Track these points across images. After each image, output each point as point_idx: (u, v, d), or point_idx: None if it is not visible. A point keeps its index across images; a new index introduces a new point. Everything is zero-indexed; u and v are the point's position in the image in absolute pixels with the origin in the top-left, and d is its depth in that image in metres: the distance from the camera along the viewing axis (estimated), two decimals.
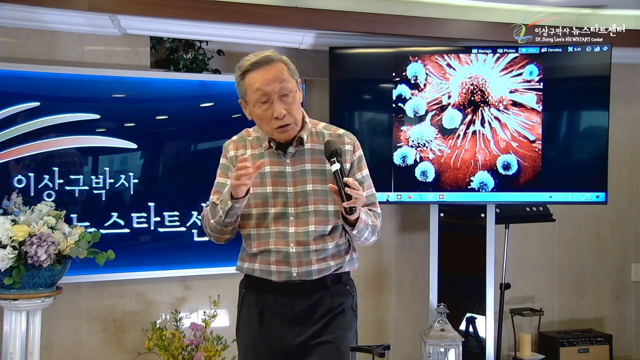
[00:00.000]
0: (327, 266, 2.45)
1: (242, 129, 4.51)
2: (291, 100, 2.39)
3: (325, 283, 2.46)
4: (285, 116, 2.37)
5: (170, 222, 4.29)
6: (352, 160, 2.49)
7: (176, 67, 4.49)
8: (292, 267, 2.43)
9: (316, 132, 2.50)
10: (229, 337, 4.16)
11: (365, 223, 2.38)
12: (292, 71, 2.42)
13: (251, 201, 2.45)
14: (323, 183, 2.42)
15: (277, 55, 2.41)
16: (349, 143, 2.49)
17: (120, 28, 4.19)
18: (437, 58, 4.44)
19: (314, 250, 2.43)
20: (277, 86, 2.35)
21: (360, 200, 2.26)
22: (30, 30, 4.04)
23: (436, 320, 4.17)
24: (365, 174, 2.52)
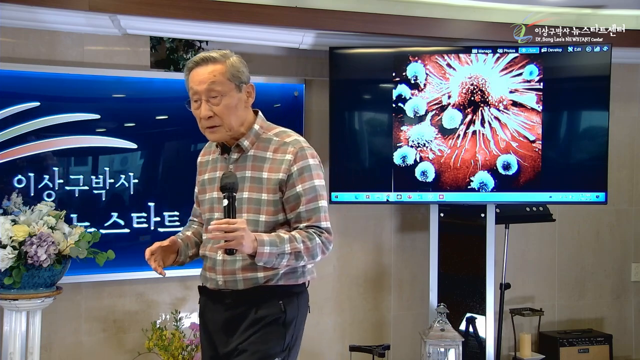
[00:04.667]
0: (254, 277, 2.37)
1: None
2: (218, 102, 2.35)
3: (253, 295, 2.38)
4: (212, 118, 2.37)
5: (170, 222, 4.29)
6: (291, 172, 2.37)
7: (176, 67, 4.48)
8: (218, 275, 2.41)
9: (264, 139, 2.44)
10: None
11: (274, 254, 2.26)
12: (231, 74, 2.37)
13: (205, 206, 2.52)
14: (259, 192, 2.38)
15: (224, 57, 2.40)
16: (290, 153, 2.38)
17: (120, 28, 4.19)
18: (437, 58, 4.44)
19: (240, 259, 2.36)
20: (205, 86, 2.35)
21: (234, 244, 2.17)
22: (30, 30, 4.04)
23: (436, 320, 4.19)
24: (309, 186, 2.38)
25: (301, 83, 4.69)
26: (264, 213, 2.36)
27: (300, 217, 2.37)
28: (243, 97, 2.41)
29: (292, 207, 2.38)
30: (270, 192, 2.37)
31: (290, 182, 2.37)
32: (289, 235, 2.31)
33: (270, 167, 2.39)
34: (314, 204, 2.37)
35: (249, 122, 2.44)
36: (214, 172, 2.50)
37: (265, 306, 2.37)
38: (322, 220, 2.39)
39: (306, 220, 2.37)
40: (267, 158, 2.40)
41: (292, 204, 2.37)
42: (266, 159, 2.40)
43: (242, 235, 2.17)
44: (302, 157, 2.39)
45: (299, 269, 2.43)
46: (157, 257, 2.45)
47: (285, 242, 2.29)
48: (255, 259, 2.25)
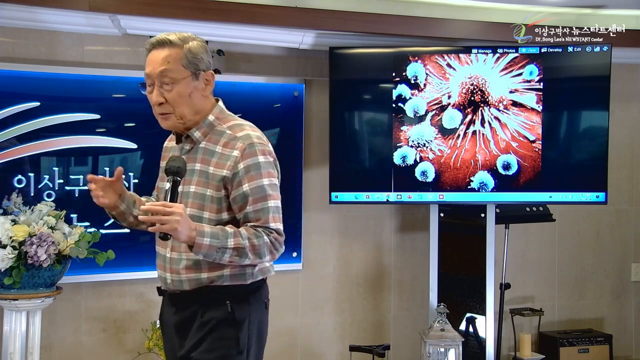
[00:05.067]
0: (197, 278, 2.25)
1: None
2: (170, 89, 2.26)
3: (199, 296, 2.26)
4: (163, 105, 2.28)
5: None
6: (237, 170, 2.22)
7: None
8: (167, 274, 2.31)
9: (217, 131, 2.30)
10: None
11: (214, 247, 2.12)
12: (188, 60, 2.26)
13: (160, 195, 2.43)
14: (205, 187, 2.25)
15: (183, 41, 2.28)
16: (238, 149, 2.23)
17: (120, 28, 4.19)
18: (437, 58, 4.44)
19: (184, 259, 2.26)
20: (157, 72, 2.27)
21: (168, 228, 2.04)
22: (30, 30, 4.04)
23: (436, 320, 4.19)
24: (256, 186, 2.22)
25: (301, 83, 4.69)
26: (208, 210, 2.24)
27: (247, 217, 2.22)
28: (200, 85, 2.29)
29: (239, 207, 2.23)
30: (215, 189, 2.23)
31: (236, 181, 2.22)
32: (234, 230, 2.17)
33: (217, 162, 2.25)
34: (262, 204, 2.22)
35: (206, 112, 2.32)
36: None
37: (212, 308, 2.25)
38: (271, 221, 2.23)
39: (254, 221, 2.21)
40: (216, 152, 2.27)
41: (240, 204, 2.23)
42: (215, 153, 2.26)
43: (177, 220, 2.04)
44: (251, 154, 2.24)
45: (248, 271, 2.28)
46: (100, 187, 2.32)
47: (229, 236, 2.15)
48: (193, 250, 2.12)
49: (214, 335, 2.24)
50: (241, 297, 2.28)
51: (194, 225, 2.10)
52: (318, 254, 4.78)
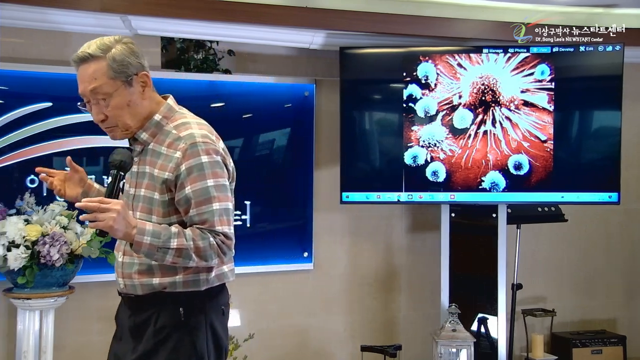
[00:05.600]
0: (149, 283, 2.17)
1: (253, 129, 4.58)
2: (106, 105, 2.14)
3: (153, 301, 2.18)
4: (105, 120, 2.17)
5: None
6: (179, 172, 2.11)
7: (187, 67, 4.49)
8: (119, 278, 2.24)
9: (165, 131, 2.19)
10: (240, 336, 4.18)
11: (155, 247, 2.04)
12: (115, 71, 2.13)
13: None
14: (152, 190, 2.16)
15: (104, 51, 2.13)
16: (180, 150, 2.12)
17: (131, 28, 4.20)
18: (448, 58, 4.43)
19: (136, 263, 2.18)
20: (87, 90, 2.13)
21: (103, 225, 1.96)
22: (43, 31, 4.05)
23: (448, 321, 4.18)
24: (199, 187, 2.10)
25: (311, 83, 4.69)
26: (155, 214, 2.15)
27: (192, 220, 2.11)
28: (137, 90, 2.17)
29: (184, 210, 2.13)
30: (157, 191, 2.14)
31: (179, 183, 2.11)
32: (179, 230, 2.07)
33: (161, 164, 2.15)
34: (207, 207, 2.10)
35: (153, 112, 2.21)
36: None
37: (164, 314, 2.17)
38: (217, 224, 2.10)
39: (200, 224, 2.10)
40: (161, 153, 2.16)
41: (184, 207, 2.13)
42: (160, 155, 2.16)
43: (113, 217, 1.95)
44: (193, 154, 2.11)
45: (203, 277, 2.19)
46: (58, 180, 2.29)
47: (172, 236, 2.05)
48: (133, 248, 2.04)
49: (170, 345, 2.16)
50: (195, 304, 2.19)
51: (134, 222, 2.02)
52: (329, 254, 4.77)
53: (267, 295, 4.61)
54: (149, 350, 2.17)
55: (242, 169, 4.44)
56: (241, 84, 4.53)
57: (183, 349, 2.16)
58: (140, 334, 2.20)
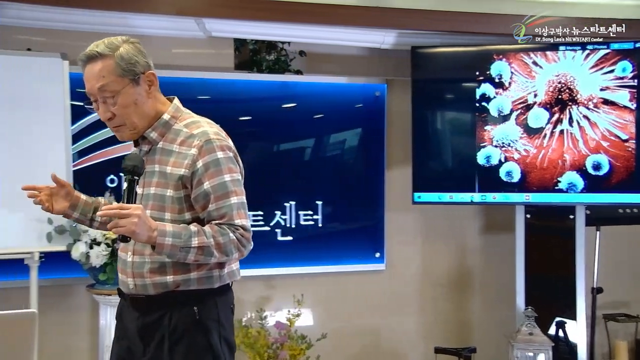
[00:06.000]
0: (163, 281, 2.15)
1: (324, 129, 4.59)
2: (114, 103, 2.13)
3: (165, 300, 2.16)
4: (112, 119, 2.16)
5: (254, 221, 4.34)
6: (195, 168, 2.12)
7: (259, 68, 4.54)
8: (129, 278, 2.21)
9: (174, 130, 2.20)
10: (313, 336, 4.19)
11: (177, 247, 2.04)
12: (122, 69, 2.13)
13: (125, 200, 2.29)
14: (164, 188, 2.16)
15: (112, 49, 2.13)
16: (195, 146, 2.13)
17: (206, 31, 4.27)
18: (523, 56, 4.33)
19: (148, 262, 2.16)
20: (95, 88, 2.13)
21: (125, 230, 1.97)
22: (121, 35, 4.13)
23: (524, 324, 4.09)
24: (217, 183, 2.12)
25: (383, 83, 4.67)
26: (169, 211, 2.15)
27: (211, 216, 2.13)
28: (143, 89, 2.16)
29: (201, 206, 2.14)
30: (174, 189, 2.14)
31: (196, 180, 2.13)
32: (198, 229, 2.09)
33: (174, 162, 2.15)
34: (225, 202, 2.12)
35: (159, 112, 2.21)
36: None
37: (178, 313, 2.16)
38: (236, 217, 2.13)
39: (218, 219, 2.12)
40: (173, 151, 2.16)
41: (202, 203, 2.13)
42: (172, 152, 2.16)
43: (135, 222, 1.96)
44: (209, 150, 2.13)
45: (215, 274, 2.19)
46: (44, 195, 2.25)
47: (192, 235, 2.06)
48: (156, 250, 2.04)
49: (184, 346, 2.15)
50: (208, 302, 2.19)
51: (154, 225, 2.03)
52: (401, 255, 4.75)
53: (339, 295, 4.62)
54: (162, 351, 2.15)
55: (313, 169, 4.56)
56: (312, 84, 4.56)
57: (199, 348, 2.16)
58: (150, 336, 2.17)
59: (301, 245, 4.47)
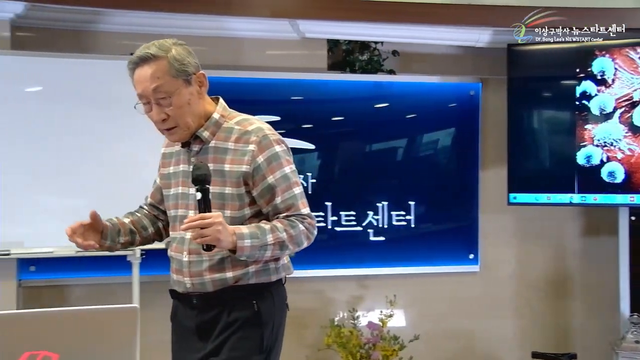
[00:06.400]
0: (222, 277, 2.17)
1: (417, 129, 4.56)
2: (168, 104, 2.14)
3: (224, 296, 2.18)
4: (166, 120, 2.16)
5: (346, 221, 4.36)
6: (256, 164, 2.15)
7: (352, 68, 4.56)
8: (185, 278, 2.21)
9: (225, 128, 2.22)
10: (405, 337, 4.17)
11: (256, 247, 2.08)
12: (176, 70, 2.14)
13: (170, 202, 2.31)
14: (222, 185, 2.17)
15: (165, 51, 2.15)
16: (253, 142, 2.16)
17: (299, 32, 4.32)
18: (628, 51, 4.15)
19: (206, 260, 2.18)
20: (150, 90, 2.13)
21: (211, 239, 2.00)
22: (218, 38, 4.28)
23: (629, 331, 3.94)
24: (280, 175, 2.17)
25: (477, 82, 4.59)
26: (229, 208, 2.16)
27: (277, 209, 2.17)
28: (195, 90, 2.19)
29: (266, 200, 2.17)
30: (234, 186, 2.16)
31: (259, 175, 2.16)
32: (270, 226, 2.12)
33: (232, 159, 2.17)
34: (289, 193, 2.17)
35: (208, 112, 2.23)
36: (177, 165, 2.30)
37: (238, 308, 2.17)
38: (302, 207, 2.19)
39: (285, 211, 2.17)
40: (228, 149, 2.18)
41: (267, 197, 2.17)
42: (228, 150, 2.18)
43: (219, 230, 2.00)
44: (267, 145, 2.17)
45: (272, 266, 2.23)
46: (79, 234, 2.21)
47: (266, 233, 2.10)
48: (237, 254, 2.07)
49: (238, 336, 2.17)
50: (265, 297, 2.23)
51: (232, 230, 2.05)
52: (495, 256, 4.65)
53: (432, 296, 4.57)
54: (217, 345, 2.17)
55: (406, 169, 4.53)
56: (405, 84, 4.53)
57: (250, 341, 2.17)
58: (209, 332, 2.20)
59: (393, 245, 4.45)
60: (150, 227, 2.39)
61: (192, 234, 2.02)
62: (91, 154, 3.86)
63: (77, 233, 2.19)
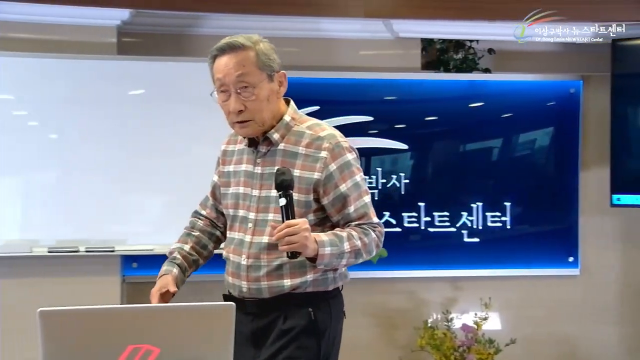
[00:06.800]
0: (279, 285, 2.11)
1: (513, 129, 4.45)
2: (250, 95, 2.08)
3: (279, 303, 2.12)
4: (242, 112, 2.10)
5: (440, 222, 4.31)
6: (328, 172, 2.10)
7: (446, 67, 4.51)
8: (242, 282, 2.15)
9: (296, 132, 2.15)
10: (501, 340, 4.08)
11: (334, 255, 2.03)
12: (262, 62, 2.10)
13: (228, 201, 2.24)
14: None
15: (253, 43, 2.11)
16: (325, 149, 2.10)
17: (393, 32, 4.31)
18: None
19: (265, 265, 2.12)
20: (233, 77, 2.08)
21: (298, 245, 1.94)
22: (312, 39, 4.33)
23: None
24: (352, 184, 2.12)
25: (578, 79, 4.45)
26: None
27: (349, 217, 2.12)
28: (275, 88, 2.14)
29: (337, 209, 2.12)
30: (303, 192, 2.09)
31: (331, 183, 2.10)
32: (347, 233, 2.08)
33: (302, 164, 2.11)
34: (361, 202, 2.13)
35: (280, 113, 2.17)
36: (239, 164, 2.23)
37: (294, 316, 2.12)
38: (372, 216, 2.15)
39: (356, 220, 2.12)
40: (299, 153, 2.12)
41: (338, 206, 2.12)
42: (298, 155, 2.12)
43: (306, 237, 1.96)
44: (340, 153, 2.11)
45: (330, 276, 2.16)
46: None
47: (343, 240, 2.05)
48: (317, 262, 2.02)
49: (295, 345, 2.11)
50: (322, 305, 2.16)
51: (312, 237, 2.01)
52: (597, 260, 4.50)
53: (529, 299, 4.46)
54: (272, 353, 2.12)
55: (501, 169, 4.44)
56: (502, 82, 4.45)
57: (307, 351, 2.13)
58: (263, 338, 2.16)
59: (488, 247, 4.37)
60: (209, 243, 2.35)
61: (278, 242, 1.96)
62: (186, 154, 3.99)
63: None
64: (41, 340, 1.56)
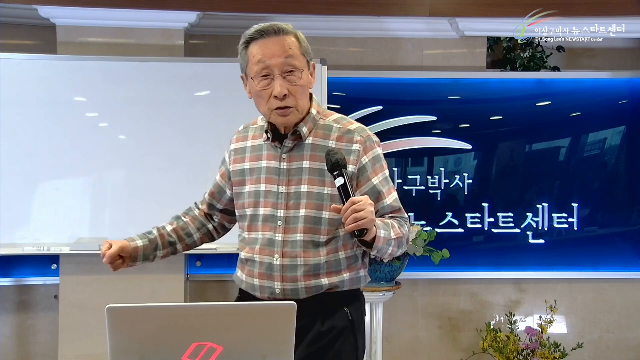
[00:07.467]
0: (318, 284, 2.04)
1: (582, 128, 4.35)
2: (296, 80, 2.00)
3: (316, 304, 2.04)
4: (287, 97, 2.01)
5: (504, 223, 4.25)
6: (362, 164, 2.04)
7: (513, 66, 4.43)
8: (276, 282, 2.05)
9: (323, 126, 2.08)
10: (567, 345, 4.01)
11: (386, 240, 1.96)
12: (304, 49, 2.03)
13: (246, 200, 2.13)
14: (321, 185, 2.03)
15: (291, 28, 2.05)
16: (357, 142, 2.05)
17: (458, 31, 4.27)
18: None
19: (302, 265, 2.03)
20: (281, 60, 1.99)
21: (367, 221, 1.84)
22: (376, 39, 4.34)
23: None
24: (383, 178, 2.08)
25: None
26: (327, 209, 2.02)
27: (384, 210, 2.05)
28: (311, 77, 2.07)
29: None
30: (334, 186, 1.96)
31: (364, 176, 2.05)
32: (390, 221, 2.02)
33: None
34: (393, 196, 2.08)
35: (309, 106, 2.10)
36: (257, 161, 2.13)
37: (332, 316, 2.06)
38: (403, 210, 2.11)
39: (390, 213, 2.06)
40: (329, 147, 2.03)
41: (372, 199, 1.97)
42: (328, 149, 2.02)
43: (371, 211, 1.86)
44: (371, 147, 2.08)
45: (362, 274, 2.12)
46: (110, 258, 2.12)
47: (389, 227, 1.99)
48: (374, 245, 1.93)
49: (338, 346, 2.06)
50: (356, 304, 2.13)
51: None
52: None
53: (598, 303, 4.36)
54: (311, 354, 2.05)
55: (568, 170, 4.35)
56: (571, 81, 4.35)
57: (349, 352, 2.09)
58: (299, 340, 1.98)
59: (554, 249, 4.29)
60: (196, 233, 2.29)
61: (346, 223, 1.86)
62: None
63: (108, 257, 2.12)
64: (109, 336, 1.61)
